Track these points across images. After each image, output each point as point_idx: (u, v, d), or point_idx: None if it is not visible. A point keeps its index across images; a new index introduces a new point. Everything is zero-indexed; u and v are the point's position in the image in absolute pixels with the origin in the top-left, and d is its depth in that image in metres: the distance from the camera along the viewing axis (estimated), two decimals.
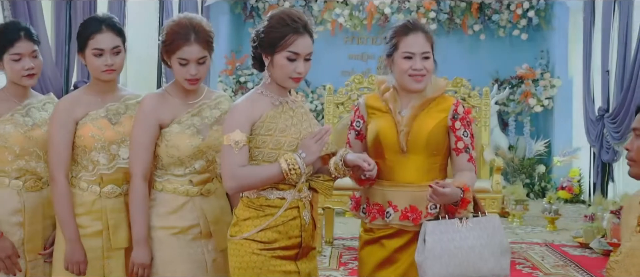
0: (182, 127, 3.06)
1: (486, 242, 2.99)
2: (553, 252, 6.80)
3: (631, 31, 8.11)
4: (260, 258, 2.83)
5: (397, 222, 3.09)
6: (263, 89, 2.92)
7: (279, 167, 2.79)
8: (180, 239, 3.08)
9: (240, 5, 11.19)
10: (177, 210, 3.09)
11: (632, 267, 2.49)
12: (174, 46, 3.00)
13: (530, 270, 6.03)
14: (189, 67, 3.01)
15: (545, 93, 10.74)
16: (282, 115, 2.88)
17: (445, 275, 2.94)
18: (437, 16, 10.72)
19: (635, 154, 2.57)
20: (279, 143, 2.85)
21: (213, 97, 3.19)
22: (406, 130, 3.09)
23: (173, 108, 3.09)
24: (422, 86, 3.09)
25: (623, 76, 8.19)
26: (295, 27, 2.82)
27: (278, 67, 2.84)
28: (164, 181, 3.11)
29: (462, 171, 3.13)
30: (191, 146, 3.05)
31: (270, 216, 2.85)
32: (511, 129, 11.00)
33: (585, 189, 10.01)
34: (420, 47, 3.06)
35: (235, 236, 2.87)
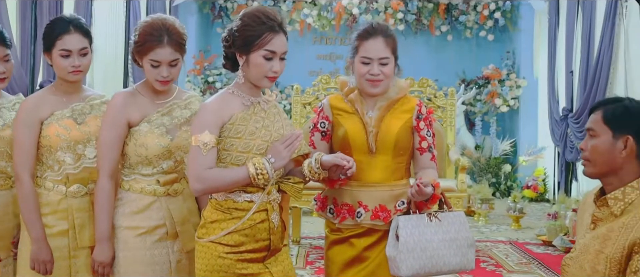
0: (152, 126, 3.03)
1: (454, 236, 3.09)
2: (517, 250, 6.90)
3: (594, 33, 8.24)
4: (226, 262, 2.80)
5: (368, 221, 3.12)
6: (234, 89, 2.88)
7: (247, 171, 2.76)
8: (146, 240, 3.04)
9: (208, 5, 11.19)
10: (143, 210, 3.06)
11: (586, 263, 2.56)
12: (146, 47, 2.97)
13: (494, 268, 6.11)
14: (161, 69, 2.99)
15: (511, 93, 10.87)
16: (252, 117, 2.84)
17: (417, 268, 3.00)
18: (404, 17, 10.80)
19: (590, 153, 2.64)
20: (247, 146, 2.81)
21: (184, 97, 3.17)
22: (375, 131, 3.13)
23: (143, 107, 3.06)
24: (378, 91, 3.13)
25: (586, 77, 8.33)
26: (271, 25, 2.78)
27: (254, 66, 2.79)
28: (131, 181, 3.08)
29: (425, 169, 3.19)
30: (160, 146, 3.03)
31: (237, 219, 2.81)
32: (478, 128, 11.12)
33: (550, 188, 10.15)
34: (378, 52, 3.09)
35: (203, 238, 2.84)
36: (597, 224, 2.63)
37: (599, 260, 2.51)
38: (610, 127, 2.60)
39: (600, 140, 2.61)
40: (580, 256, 2.61)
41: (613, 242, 2.49)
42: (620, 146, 2.57)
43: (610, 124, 2.60)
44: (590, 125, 2.65)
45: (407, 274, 3.00)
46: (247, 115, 2.83)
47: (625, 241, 2.45)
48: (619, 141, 2.57)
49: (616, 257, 2.46)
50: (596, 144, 2.62)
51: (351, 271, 3.16)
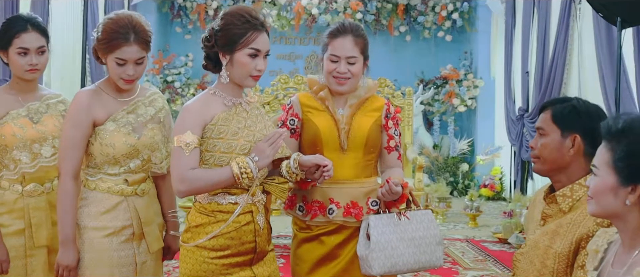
0: (118, 125, 2.97)
1: (423, 234, 3.13)
2: (473, 247, 7.01)
3: (549, 34, 8.39)
4: (210, 267, 2.77)
5: (340, 218, 3.14)
6: (216, 90, 2.85)
7: (231, 171, 2.73)
8: (112, 241, 2.98)
9: (167, 5, 11.15)
10: (110, 210, 2.99)
11: (536, 258, 2.63)
12: (112, 45, 2.90)
13: (450, 265, 6.20)
14: (127, 67, 2.93)
15: (469, 93, 11.00)
16: (234, 117, 2.82)
17: (389, 266, 3.03)
18: (363, 17, 10.87)
19: (539, 151, 2.71)
20: (230, 146, 2.78)
21: (147, 94, 3.12)
22: (346, 128, 3.15)
23: (108, 105, 3.00)
24: (345, 89, 3.16)
25: (541, 77, 8.48)
26: (255, 23, 2.77)
27: (238, 65, 2.78)
28: (96, 180, 3.00)
29: (391, 168, 3.24)
30: (127, 145, 2.97)
31: (222, 222, 2.78)
32: (436, 128, 11.23)
33: (507, 187, 10.31)
34: (346, 51, 3.11)
35: (188, 242, 2.80)
36: (547, 220, 2.70)
37: (548, 255, 2.57)
38: (558, 126, 2.67)
39: (549, 138, 2.68)
40: (530, 252, 2.67)
41: (561, 237, 2.56)
42: (568, 144, 2.64)
43: (558, 123, 2.67)
44: (540, 124, 2.73)
45: (379, 272, 3.03)
46: (229, 115, 2.81)
47: (573, 236, 2.52)
48: (567, 139, 2.64)
49: (564, 252, 2.53)
50: (545, 143, 2.69)
51: (322, 269, 3.17)
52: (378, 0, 10.98)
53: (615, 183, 2.02)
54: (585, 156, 2.62)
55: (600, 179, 2.06)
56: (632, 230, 2.04)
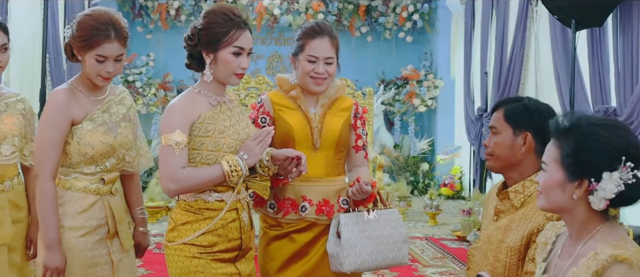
0: (95, 124, 2.93)
1: (391, 232, 3.18)
2: (433, 245, 7.11)
3: (507, 35, 8.53)
4: (201, 262, 2.78)
5: (313, 215, 3.17)
6: (200, 88, 2.85)
7: (221, 169, 2.74)
8: (87, 241, 2.94)
9: (128, 4, 11.11)
10: (87, 209, 2.95)
11: (489, 252, 2.71)
12: (92, 42, 2.84)
13: (410, 262, 6.27)
14: (107, 64, 2.88)
15: (429, 93, 11.13)
16: (220, 116, 2.82)
17: (359, 263, 3.08)
18: (325, 18, 10.93)
19: (492, 149, 2.80)
20: (217, 145, 2.79)
21: (117, 93, 3.09)
22: (319, 127, 3.19)
23: (83, 104, 2.95)
24: (322, 89, 3.18)
25: (500, 78, 8.62)
26: (238, 22, 2.79)
27: (222, 64, 2.79)
28: (71, 179, 2.95)
29: (358, 167, 3.30)
30: (105, 144, 2.94)
31: (209, 219, 2.79)
32: (397, 128, 11.34)
33: (466, 186, 10.45)
34: (324, 52, 3.14)
35: (174, 241, 2.80)
36: (500, 215, 2.78)
37: (501, 249, 2.66)
38: (510, 125, 2.75)
39: (501, 137, 2.77)
40: (484, 246, 2.75)
41: (513, 232, 2.64)
42: (520, 142, 2.73)
43: (510, 121, 2.76)
44: (493, 123, 2.81)
45: (349, 269, 3.08)
46: (215, 114, 2.82)
47: (524, 231, 2.61)
48: (518, 137, 2.73)
49: (516, 246, 2.61)
50: (498, 141, 2.77)
51: (292, 266, 3.19)
52: (339, 1, 11.06)
53: (563, 179, 2.10)
54: (537, 153, 2.69)
55: (548, 175, 2.14)
56: (579, 223, 2.12)
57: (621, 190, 2.01)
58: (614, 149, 2.02)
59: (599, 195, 2.03)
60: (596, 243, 2.06)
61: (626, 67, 5.77)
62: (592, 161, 2.04)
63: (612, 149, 2.02)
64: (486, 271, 2.67)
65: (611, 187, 2.01)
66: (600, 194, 2.03)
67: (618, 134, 2.05)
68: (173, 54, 10.60)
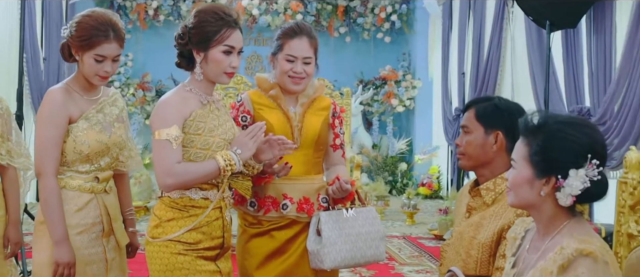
0: (90, 123, 3.00)
1: (369, 229, 3.24)
2: (410, 244, 7.18)
3: (484, 36, 8.62)
4: (186, 258, 2.79)
5: (294, 213, 3.21)
6: (191, 86, 2.88)
7: (216, 164, 2.77)
8: (83, 239, 2.99)
9: (106, 4, 11.07)
10: (82, 208, 3.00)
11: (461, 249, 2.77)
12: (92, 42, 2.92)
13: (387, 261, 6.34)
14: (105, 64, 2.95)
15: (407, 94, 11.20)
16: (210, 115, 2.86)
17: (339, 260, 3.13)
18: (303, 18, 10.97)
19: (465, 148, 2.86)
20: (207, 143, 2.82)
21: (109, 94, 3.15)
22: (299, 126, 3.23)
23: (79, 103, 3.01)
24: (300, 88, 3.22)
25: (477, 78, 8.70)
26: (229, 20, 2.82)
27: (213, 62, 2.82)
28: (66, 178, 3.00)
29: (336, 165, 3.35)
30: (100, 143, 3.00)
31: (194, 216, 2.81)
32: (375, 128, 11.40)
33: (444, 185, 10.52)
34: (303, 51, 3.18)
35: (159, 237, 2.81)
36: (472, 212, 2.84)
37: (473, 245, 2.72)
38: (482, 124, 2.82)
39: (473, 136, 2.83)
40: (456, 243, 2.81)
41: (485, 228, 2.71)
42: (491, 140, 2.79)
43: (482, 120, 2.82)
44: (465, 122, 2.87)
45: (330, 266, 3.13)
46: (205, 112, 2.84)
47: (495, 227, 2.67)
48: (490, 136, 2.79)
49: (487, 242, 2.67)
50: (470, 140, 2.83)
51: (272, 263, 3.22)
52: (318, 2, 11.11)
53: (531, 176, 2.16)
54: (508, 152, 2.74)
55: (517, 172, 2.20)
56: (547, 219, 2.18)
57: (587, 186, 2.07)
58: (580, 147, 2.08)
59: (566, 191, 2.09)
60: (563, 238, 2.12)
61: (599, 68, 5.86)
62: (559, 158, 2.10)
63: (578, 146, 2.08)
64: (458, 266, 2.72)
65: (577, 183, 2.07)
66: (566, 190, 2.09)
67: (584, 132, 2.12)
68: (151, 54, 10.61)
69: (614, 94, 5.59)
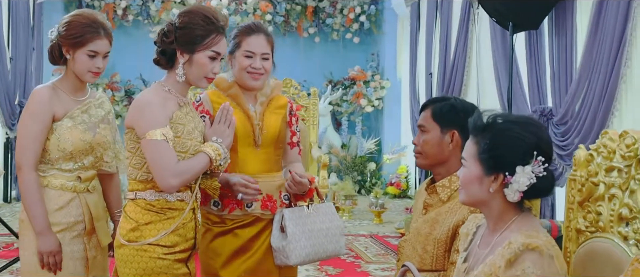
0: (75, 122, 3.06)
1: (329, 225, 3.31)
2: (376, 242, 7.25)
3: (450, 37, 8.72)
4: (165, 263, 2.79)
5: (258, 211, 3.25)
6: (169, 87, 2.88)
7: (207, 157, 2.80)
8: (65, 236, 3.04)
9: (74, 4, 11.03)
10: (64, 207, 3.06)
11: (418, 244, 2.84)
12: (85, 39, 3.01)
13: (353, 259, 6.41)
14: (97, 59, 3.04)
15: (376, 94, 11.28)
16: (186, 117, 2.87)
17: (304, 256, 3.20)
18: (273, 19, 11.01)
19: (421, 147, 2.93)
20: (185, 146, 2.82)
21: (96, 97, 3.21)
22: (260, 125, 3.28)
23: (65, 103, 3.07)
24: (259, 84, 3.27)
25: (444, 78, 8.80)
26: (218, 27, 2.84)
27: (197, 66, 2.82)
28: (49, 176, 3.06)
29: (293, 163, 3.41)
30: (83, 141, 3.06)
31: (171, 219, 2.81)
32: (344, 128, 11.46)
33: (412, 185, 10.61)
34: (261, 48, 3.23)
35: (137, 241, 2.79)
36: (428, 209, 2.91)
37: (429, 241, 2.79)
38: (438, 123, 2.89)
39: (430, 135, 2.90)
40: (413, 239, 2.88)
41: (440, 225, 2.78)
42: (447, 139, 2.86)
43: (438, 120, 2.89)
44: (421, 122, 2.94)
45: (296, 262, 3.19)
46: (182, 114, 2.85)
47: (450, 223, 2.74)
48: (446, 135, 2.87)
49: (442, 238, 2.74)
50: (427, 139, 2.91)
51: (237, 261, 3.26)
52: (287, 2, 11.15)
53: (480, 173, 2.23)
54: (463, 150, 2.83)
55: (467, 170, 2.27)
56: (496, 215, 2.25)
57: (533, 183, 2.15)
58: (526, 145, 2.16)
59: (513, 188, 2.17)
60: (511, 233, 2.19)
61: (561, 69, 5.97)
62: (505, 156, 2.17)
63: (525, 144, 2.16)
64: (415, 261, 2.79)
65: (524, 180, 2.15)
66: (514, 186, 2.16)
67: (530, 130, 2.19)
68: (120, 54, 10.56)
69: (574, 94, 5.70)
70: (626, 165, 2.28)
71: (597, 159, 2.42)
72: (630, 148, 2.26)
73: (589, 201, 2.45)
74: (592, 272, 2.38)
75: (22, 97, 9.03)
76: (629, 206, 2.26)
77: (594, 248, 2.40)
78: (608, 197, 2.36)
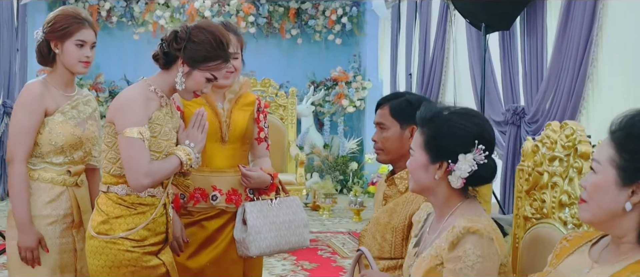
0: (65, 117, 3.16)
1: (293, 218, 3.43)
2: (354, 239, 7.36)
3: (429, 38, 8.85)
4: (134, 255, 2.86)
5: (223, 204, 3.36)
6: (155, 86, 2.94)
7: (178, 160, 2.89)
8: (55, 229, 3.16)
9: (58, 4, 11.12)
10: (54, 199, 3.16)
11: (377, 233, 2.97)
12: (72, 29, 3.14)
13: (330, 255, 6.55)
14: (85, 48, 3.17)
15: (357, 95, 11.39)
16: (165, 118, 2.93)
17: (264, 247, 3.31)
18: (256, 20, 11.10)
19: (382, 144, 3.05)
20: (159, 146, 2.89)
21: (84, 94, 3.32)
22: (228, 121, 3.38)
23: (56, 97, 3.18)
24: (229, 82, 3.38)
25: (423, 79, 8.93)
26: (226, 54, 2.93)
27: (194, 82, 2.90)
28: (39, 170, 3.16)
29: (261, 157, 3.53)
30: (74, 135, 3.16)
31: (141, 214, 2.89)
32: (326, 128, 11.58)
33: None
34: (232, 47, 3.26)
35: (107, 234, 2.87)
36: (387, 200, 3.05)
37: (387, 230, 2.92)
38: (397, 120, 3.01)
39: (390, 132, 3.02)
40: (373, 228, 3.01)
41: (398, 214, 2.91)
42: (407, 135, 2.99)
43: (397, 116, 3.01)
44: (380, 119, 3.06)
45: (255, 253, 3.30)
46: (162, 115, 2.92)
47: (407, 212, 2.88)
48: (406, 130, 2.99)
49: (400, 226, 2.88)
50: (387, 135, 3.03)
51: (203, 252, 3.37)
52: (270, 4, 11.26)
53: (426, 161, 2.37)
54: None
55: (414, 158, 2.41)
56: (442, 202, 2.40)
57: (475, 169, 2.29)
58: (468, 134, 2.30)
59: (456, 174, 2.31)
60: (456, 219, 2.33)
61: (532, 68, 6.11)
62: (449, 144, 2.31)
63: (467, 134, 2.30)
64: (375, 250, 2.93)
65: (466, 167, 2.29)
66: (457, 173, 2.31)
67: (472, 121, 2.34)
68: (105, 54, 10.64)
69: (544, 93, 5.84)
70: (566, 154, 2.43)
71: (542, 150, 2.56)
72: (570, 138, 2.41)
73: (535, 189, 2.59)
74: (537, 256, 2.52)
75: (5, 98, 9.10)
76: (568, 192, 2.41)
77: (539, 233, 2.54)
78: (551, 185, 2.50)
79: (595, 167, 1.89)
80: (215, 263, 3.35)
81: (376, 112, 3.09)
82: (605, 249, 1.95)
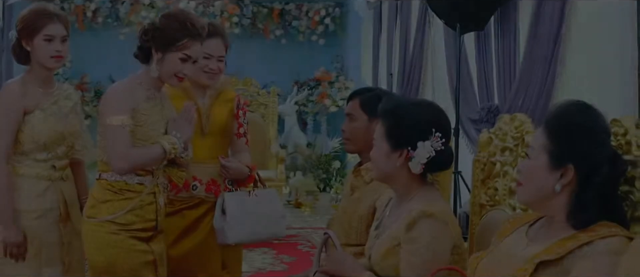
0: (46, 113, 3.20)
1: (270, 209, 3.60)
2: None
3: (409, 39, 8.99)
4: (119, 237, 3.00)
5: (203, 193, 3.53)
6: (142, 80, 3.10)
7: (162, 148, 3.01)
8: (42, 222, 3.22)
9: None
10: (40, 194, 3.22)
11: (345, 222, 3.15)
12: (39, 24, 3.15)
13: (309, 249, 6.71)
14: (55, 43, 3.17)
15: (340, 94, 11.51)
16: (153, 109, 3.07)
17: (242, 236, 3.48)
18: (240, 21, 11.22)
19: (350, 134, 3.23)
20: (147, 135, 3.03)
21: (64, 89, 3.37)
22: (208, 113, 3.56)
23: (35, 96, 3.21)
24: (213, 82, 3.56)
25: (403, 79, 9.09)
26: (192, 32, 3.04)
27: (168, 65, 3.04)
28: (24, 167, 3.22)
29: (241, 152, 3.69)
30: (56, 131, 3.21)
31: (129, 200, 3.02)
32: (310, 127, 11.71)
33: None
34: (218, 51, 3.50)
35: (95, 217, 3.03)
36: (354, 191, 3.22)
37: (353, 218, 3.10)
38: (366, 112, 3.18)
39: (358, 123, 3.20)
40: (341, 217, 3.19)
41: (363, 203, 3.09)
42: (374, 127, 3.14)
43: (366, 109, 3.18)
44: (350, 111, 3.23)
45: (233, 241, 3.47)
46: (150, 107, 3.06)
47: (371, 201, 3.05)
48: (373, 123, 3.14)
49: (364, 214, 3.05)
50: (356, 126, 3.20)
51: (184, 240, 3.52)
52: (254, 5, 11.39)
53: (387, 150, 2.54)
54: None
55: (376, 148, 2.59)
56: (402, 188, 2.57)
57: (432, 156, 2.46)
58: (425, 123, 2.48)
59: (416, 160, 2.48)
60: (414, 204, 2.50)
61: (505, 67, 6.29)
62: (407, 133, 2.49)
63: (424, 122, 2.48)
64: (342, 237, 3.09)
65: (424, 153, 2.46)
66: (416, 159, 2.48)
67: (429, 111, 2.52)
68: (90, 55, 10.74)
69: (517, 91, 6.01)
70: (515, 144, 2.61)
71: (495, 141, 2.74)
72: (518, 129, 2.59)
73: (489, 178, 2.77)
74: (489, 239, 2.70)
75: None
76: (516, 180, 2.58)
77: (491, 219, 2.73)
78: (502, 174, 2.68)
79: (530, 152, 2.07)
80: (195, 251, 3.51)
81: (347, 104, 3.25)
82: (541, 229, 2.13)
